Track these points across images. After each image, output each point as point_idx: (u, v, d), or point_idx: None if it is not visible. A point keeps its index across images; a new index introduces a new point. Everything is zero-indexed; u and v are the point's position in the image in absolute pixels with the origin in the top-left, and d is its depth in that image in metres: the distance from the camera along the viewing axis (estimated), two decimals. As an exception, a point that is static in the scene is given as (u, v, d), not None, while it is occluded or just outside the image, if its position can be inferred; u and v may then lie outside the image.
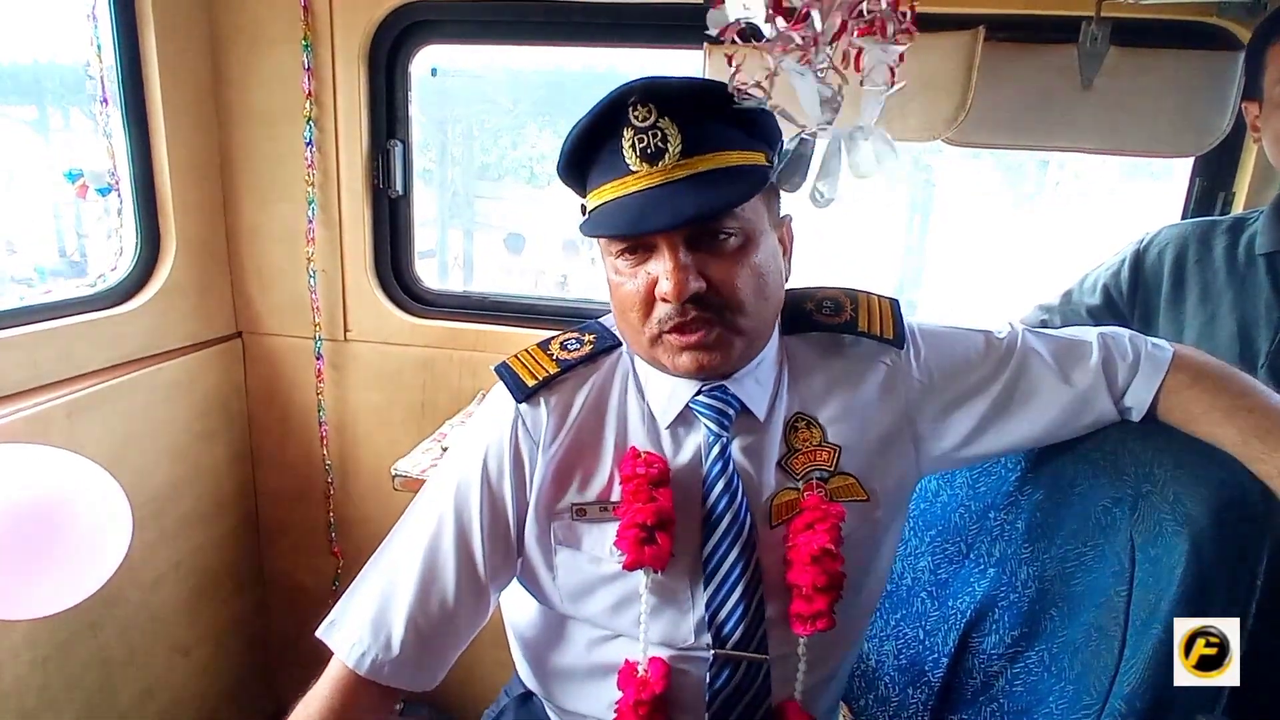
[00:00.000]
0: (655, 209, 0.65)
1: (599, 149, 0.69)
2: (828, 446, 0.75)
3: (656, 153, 0.65)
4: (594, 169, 0.70)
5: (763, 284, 0.70)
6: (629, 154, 0.66)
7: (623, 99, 0.66)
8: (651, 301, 0.69)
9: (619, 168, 0.67)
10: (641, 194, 0.66)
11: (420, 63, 1.50)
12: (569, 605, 0.78)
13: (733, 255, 0.68)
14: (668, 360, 0.71)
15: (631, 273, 0.69)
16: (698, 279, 0.66)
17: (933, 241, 2.89)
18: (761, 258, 0.69)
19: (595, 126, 0.68)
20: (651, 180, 0.66)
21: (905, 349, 0.78)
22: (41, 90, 2.76)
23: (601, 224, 0.69)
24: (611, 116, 0.67)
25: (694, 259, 0.67)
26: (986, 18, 1.18)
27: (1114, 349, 0.77)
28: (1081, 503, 0.79)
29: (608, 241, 0.71)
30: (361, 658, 0.74)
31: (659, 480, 0.72)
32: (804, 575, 0.70)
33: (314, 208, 1.50)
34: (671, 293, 0.65)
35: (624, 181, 0.67)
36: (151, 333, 1.42)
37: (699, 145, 0.66)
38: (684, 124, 0.65)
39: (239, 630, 1.71)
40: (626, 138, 0.66)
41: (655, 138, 0.65)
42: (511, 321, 1.55)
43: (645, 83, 0.66)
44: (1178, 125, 1.20)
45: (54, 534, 1.01)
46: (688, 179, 0.66)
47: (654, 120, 0.65)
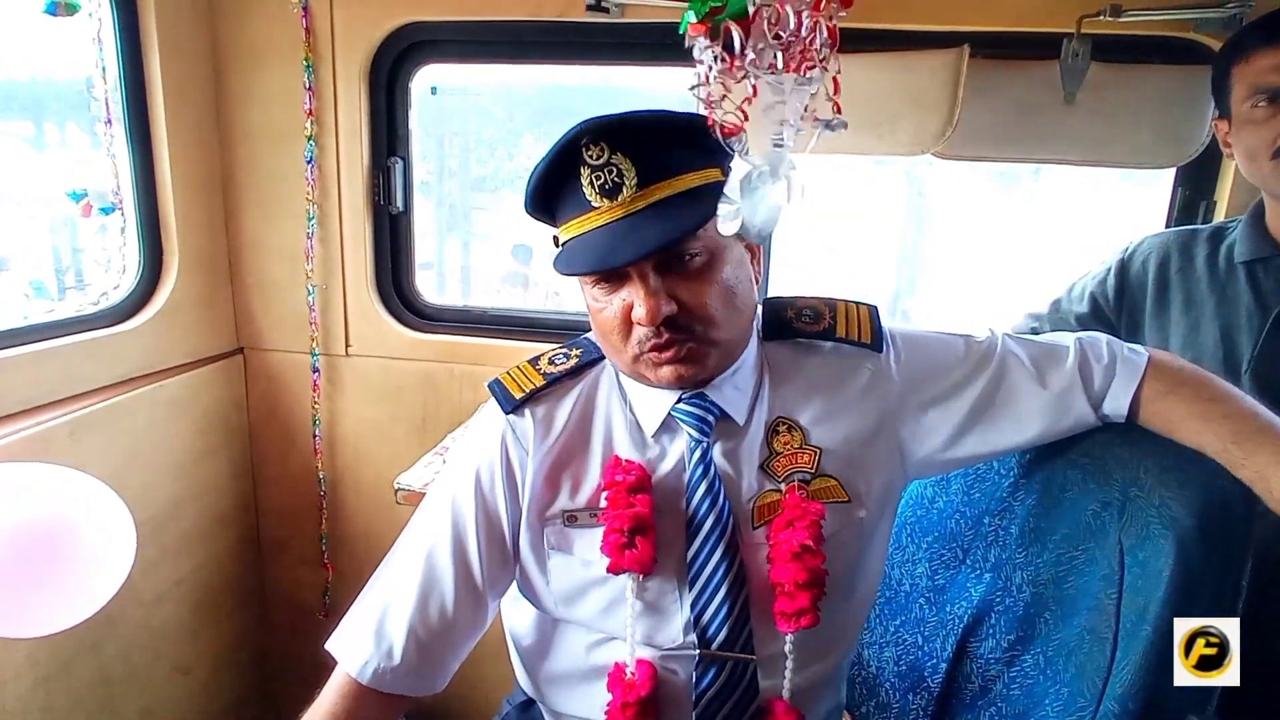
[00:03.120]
0: (620, 243, 0.68)
1: (561, 187, 0.72)
2: (809, 449, 0.78)
3: (614, 188, 0.68)
4: (560, 205, 0.74)
5: (731, 296, 0.73)
6: (588, 191, 0.69)
7: (575, 140, 0.68)
8: (629, 325, 0.72)
9: (582, 204, 0.70)
10: (605, 228, 0.70)
11: (420, 81, 1.52)
12: (562, 609, 0.80)
13: (699, 274, 0.71)
14: (650, 374, 0.74)
15: (607, 300, 0.73)
16: (669, 302, 0.69)
17: (927, 251, 2.93)
18: (728, 271, 0.73)
19: (553, 168, 0.71)
20: (613, 214, 0.69)
21: (884, 353, 0.80)
22: (40, 107, 2.77)
23: (573, 261, 0.72)
24: (567, 157, 0.70)
25: (664, 283, 0.70)
26: (971, 35, 1.22)
27: (1090, 353, 0.79)
28: (1072, 507, 0.80)
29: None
30: (364, 667, 0.76)
31: (637, 487, 0.75)
32: (785, 572, 0.72)
33: (314, 224, 1.52)
34: (645, 318, 0.69)
35: (588, 217, 0.71)
36: (154, 350, 1.43)
37: (655, 174, 0.69)
38: (636, 156, 0.68)
39: (239, 648, 1.71)
40: (584, 176, 0.69)
41: (611, 174, 0.68)
42: (512, 335, 1.57)
43: (595, 122, 0.68)
44: (1158, 137, 1.24)
45: (57, 552, 1.01)
46: (648, 208, 0.69)
47: (608, 157, 0.68)
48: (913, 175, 2.67)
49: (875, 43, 1.25)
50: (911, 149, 1.27)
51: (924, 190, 2.81)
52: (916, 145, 1.26)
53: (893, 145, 1.27)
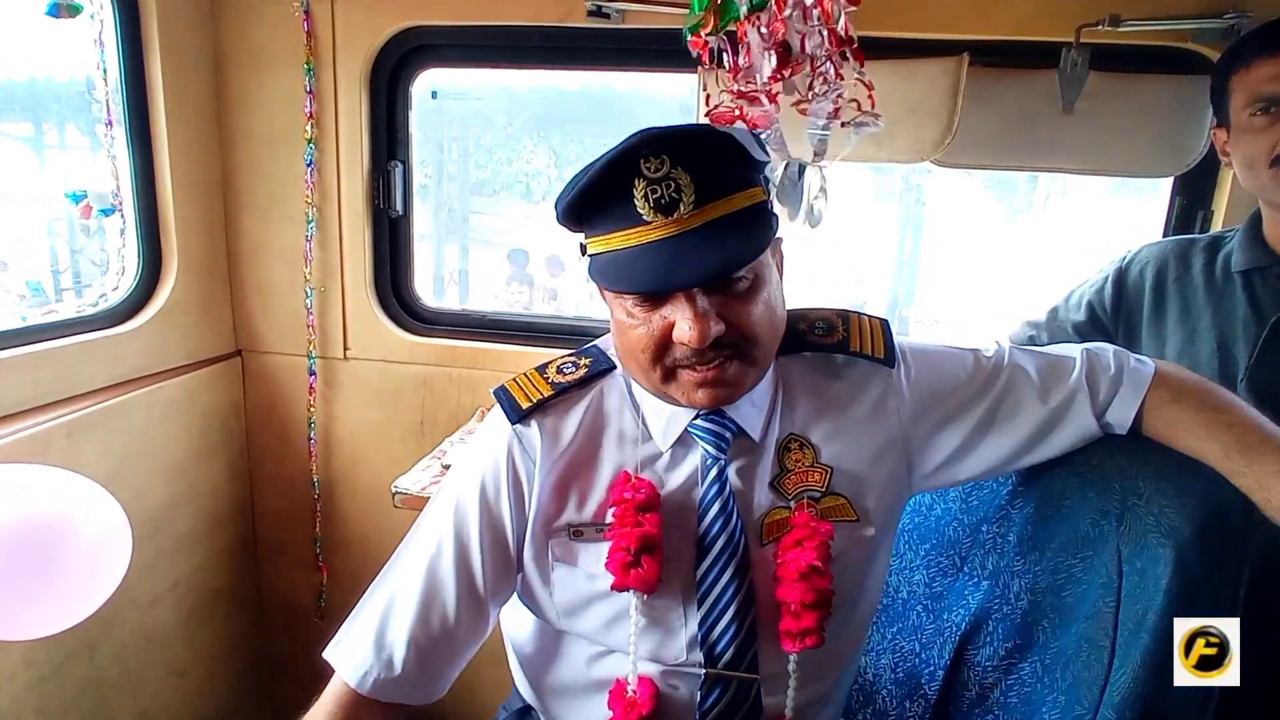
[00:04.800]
0: (677, 263, 0.65)
1: (606, 197, 0.68)
2: (820, 467, 0.77)
3: (670, 203, 0.65)
4: (600, 216, 0.69)
5: (773, 317, 0.71)
6: (641, 204, 0.65)
7: (633, 150, 0.64)
8: (666, 345, 0.69)
9: (631, 217, 0.66)
10: (655, 245, 0.66)
11: (420, 85, 1.52)
12: (565, 621, 0.79)
13: (746, 296, 0.69)
14: (680, 395, 0.71)
15: (645, 318, 0.69)
16: (718, 323, 0.67)
17: (925, 258, 2.93)
18: (770, 292, 0.71)
19: (603, 176, 0.66)
20: (666, 231, 0.65)
21: (896, 368, 0.80)
22: (39, 108, 2.77)
23: (622, 279, 0.68)
24: (623, 167, 0.65)
25: (710, 302, 0.67)
26: (970, 44, 1.23)
27: (1097, 365, 0.79)
28: (1070, 516, 0.80)
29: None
30: (364, 677, 0.75)
31: (646, 505, 0.73)
32: (792, 592, 0.71)
33: (314, 227, 1.52)
34: (694, 339, 0.66)
35: (638, 231, 0.66)
36: (152, 352, 1.43)
37: (711, 192, 0.66)
38: (696, 172, 0.65)
39: (235, 651, 1.70)
40: (639, 188, 0.65)
41: (669, 188, 0.64)
42: (511, 339, 1.56)
43: (657, 133, 0.65)
44: (1156, 146, 1.24)
45: (53, 554, 1.01)
46: (702, 227, 0.66)
47: (667, 171, 0.64)
48: (910, 182, 2.68)
49: (875, 51, 1.25)
50: (910, 156, 1.28)
51: (922, 198, 2.82)
52: (915, 152, 1.27)
53: (892, 152, 1.28)
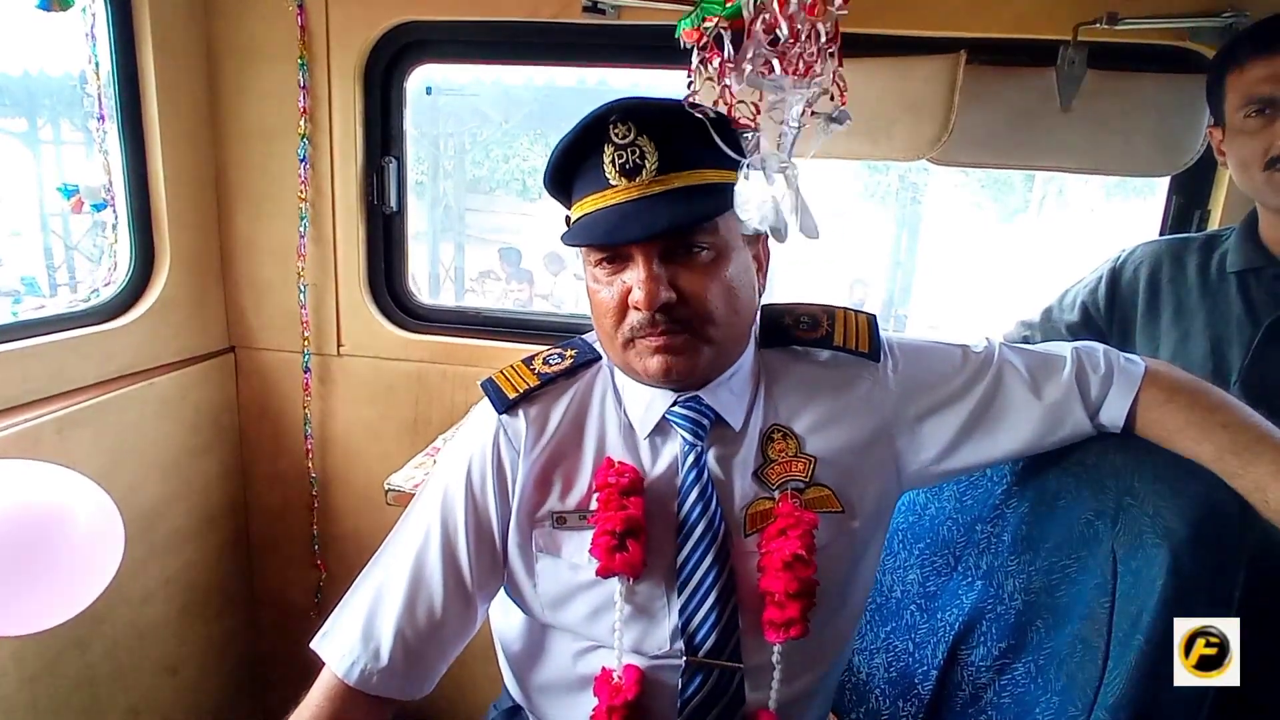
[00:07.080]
0: (631, 221, 0.69)
1: (582, 164, 0.73)
2: (804, 457, 0.77)
3: (634, 168, 0.69)
4: (578, 182, 0.74)
5: (733, 297, 0.72)
6: (609, 169, 0.70)
7: (604, 117, 0.69)
8: (625, 309, 0.72)
9: (600, 181, 0.71)
10: (618, 206, 0.70)
11: (415, 81, 1.51)
12: (549, 613, 0.80)
13: (704, 268, 0.71)
14: (639, 364, 0.73)
15: (608, 281, 0.72)
16: (668, 289, 0.69)
17: (921, 257, 2.93)
18: (733, 272, 0.72)
19: (577, 143, 0.71)
20: (629, 194, 0.69)
21: (882, 362, 0.80)
22: (33, 103, 2.76)
23: (580, 234, 0.73)
24: (593, 133, 0.70)
25: (666, 270, 0.70)
26: (967, 41, 1.22)
27: (1087, 363, 0.79)
28: (1065, 516, 0.80)
29: (588, 251, 0.74)
30: (351, 667, 0.75)
31: (630, 489, 0.74)
32: (776, 581, 0.71)
33: (307, 223, 1.51)
34: (643, 301, 0.69)
35: (604, 195, 0.71)
36: (144, 347, 1.42)
37: (675, 163, 0.69)
38: (661, 142, 0.69)
39: (228, 648, 1.69)
40: (607, 153, 0.69)
41: (634, 154, 0.69)
42: (504, 336, 1.56)
43: (625, 102, 0.69)
44: (1153, 145, 1.24)
45: (44, 550, 1.00)
46: (664, 194, 0.69)
47: (633, 138, 0.68)
48: (906, 181, 2.68)
49: (871, 48, 1.25)
50: (907, 154, 1.27)
51: (919, 196, 2.82)
52: (912, 150, 1.27)
53: (888, 150, 1.28)
